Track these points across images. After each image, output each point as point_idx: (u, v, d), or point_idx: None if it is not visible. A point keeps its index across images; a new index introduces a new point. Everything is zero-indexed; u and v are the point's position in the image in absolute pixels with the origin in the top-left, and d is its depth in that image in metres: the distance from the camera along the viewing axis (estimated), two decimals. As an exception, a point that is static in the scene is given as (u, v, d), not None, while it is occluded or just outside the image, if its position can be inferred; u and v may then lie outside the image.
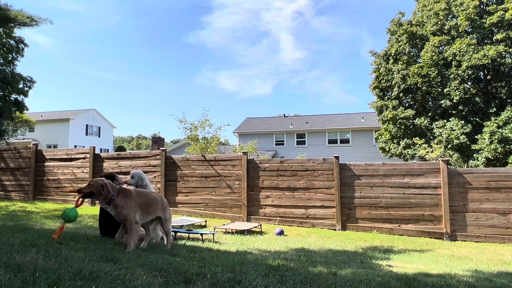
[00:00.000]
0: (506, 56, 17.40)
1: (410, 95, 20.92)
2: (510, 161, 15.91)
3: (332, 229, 9.69)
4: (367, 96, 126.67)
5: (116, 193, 4.45)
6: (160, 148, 11.69)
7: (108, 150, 43.11)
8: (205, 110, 32.87)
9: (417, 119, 19.75)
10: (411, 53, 20.71)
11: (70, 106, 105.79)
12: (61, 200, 11.84)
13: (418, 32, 20.03)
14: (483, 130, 17.01)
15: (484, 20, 17.99)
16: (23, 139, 34.45)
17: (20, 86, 25.65)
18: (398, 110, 20.20)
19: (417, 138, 19.36)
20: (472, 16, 17.97)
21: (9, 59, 25.20)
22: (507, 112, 16.66)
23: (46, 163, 12.36)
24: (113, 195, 4.41)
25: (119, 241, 4.68)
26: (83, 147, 21.48)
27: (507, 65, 17.75)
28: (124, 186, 5.68)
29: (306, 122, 33.14)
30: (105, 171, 10.78)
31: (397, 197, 9.52)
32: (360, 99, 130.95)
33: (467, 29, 18.52)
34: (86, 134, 41.54)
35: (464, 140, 17.23)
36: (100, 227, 5.70)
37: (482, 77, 19.70)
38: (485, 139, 16.57)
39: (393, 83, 20.70)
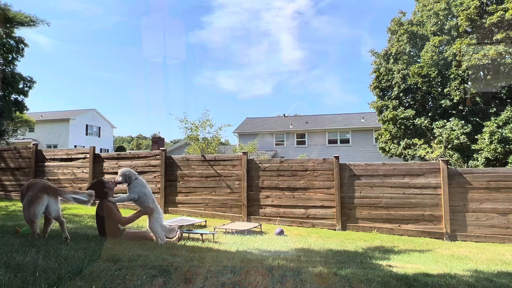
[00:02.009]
0: (506, 56, 17.40)
1: (410, 95, 20.93)
2: (510, 161, 15.91)
3: (332, 229, 9.69)
4: (367, 96, 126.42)
5: None
6: (160, 148, 11.68)
7: (108, 150, 43.11)
8: (206, 110, 32.94)
9: (417, 119, 19.75)
10: (412, 53, 20.71)
11: (70, 106, 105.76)
12: (61, 200, 11.81)
13: (418, 32, 20.03)
14: (483, 130, 17.01)
15: (484, 20, 17.98)
16: (23, 139, 34.44)
17: (20, 86, 25.67)
18: (398, 110, 20.20)
19: (416, 138, 19.36)
20: (472, 16, 17.97)
21: (9, 59, 25.20)
22: (507, 112, 16.66)
23: (46, 163, 12.36)
24: None
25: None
26: (83, 147, 21.48)
27: (507, 65, 17.76)
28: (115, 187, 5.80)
29: (306, 122, 33.13)
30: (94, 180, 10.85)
31: (397, 197, 9.52)
32: (360, 99, 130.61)
33: (467, 29, 18.52)
34: (86, 134, 41.55)
35: (464, 140, 17.24)
36: (98, 228, 5.75)
37: (482, 77, 19.70)
38: (485, 139, 16.57)
39: (393, 83, 20.70)
